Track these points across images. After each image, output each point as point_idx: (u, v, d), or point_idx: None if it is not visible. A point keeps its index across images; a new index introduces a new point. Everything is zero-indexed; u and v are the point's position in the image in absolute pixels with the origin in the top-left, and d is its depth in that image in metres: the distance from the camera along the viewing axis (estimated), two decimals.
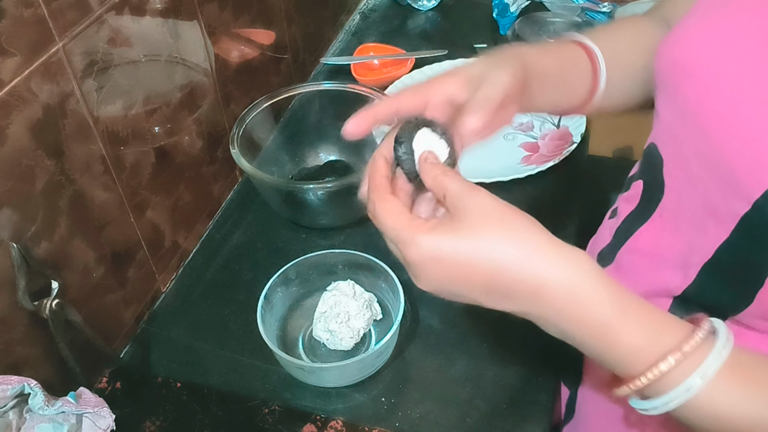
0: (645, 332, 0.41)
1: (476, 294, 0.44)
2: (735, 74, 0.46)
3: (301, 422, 0.69)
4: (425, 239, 0.43)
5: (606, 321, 0.41)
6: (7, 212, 0.57)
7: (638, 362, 0.41)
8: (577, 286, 0.41)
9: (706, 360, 0.40)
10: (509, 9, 1.24)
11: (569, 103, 0.61)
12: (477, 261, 0.42)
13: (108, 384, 0.73)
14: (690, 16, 0.52)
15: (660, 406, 0.42)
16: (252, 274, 0.84)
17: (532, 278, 0.42)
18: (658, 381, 0.41)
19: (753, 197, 0.43)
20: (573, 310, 0.42)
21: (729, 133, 0.45)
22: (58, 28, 0.58)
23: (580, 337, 0.43)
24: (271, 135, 0.93)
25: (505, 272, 0.42)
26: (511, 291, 0.42)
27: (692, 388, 0.40)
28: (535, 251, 0.42)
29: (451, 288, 0.44)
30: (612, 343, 0.42)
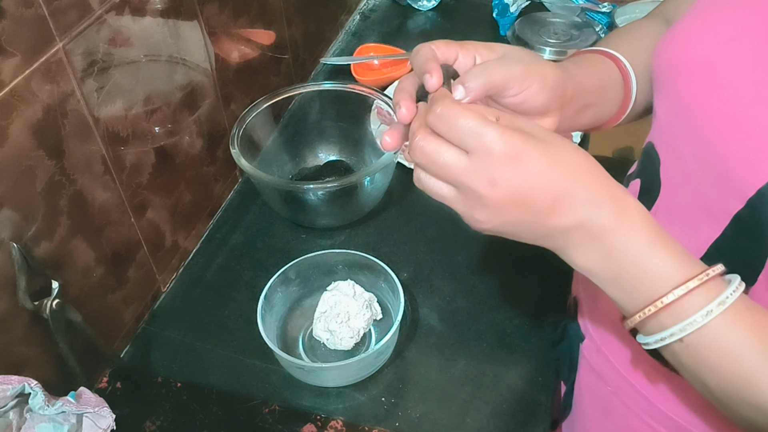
0: (677, 256, 0.43)
1: (544, 204, 0.42)
2: (731, 73, 0.46)
3: (301, 422, 0.69)
4: (516, 133, 0.42)
5: (649, 238, 0.43)
6: (8, 212, 0.57)
7: (668, 281, 0.42)
8: (629, 205, 0.43)
9: (726, 290, 0.41)
10: (509, 9, 1.24)
11: (606, 115, 0.61)
12: (562, 156, 0.43)
13: (108, 384, 0.73)
14: (688, 15, 0.52)
15: (677, 332, 0.42)
16: (252, 274, 0.84)
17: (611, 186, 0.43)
18: (681, 303, 0.42)
19: (747, 195, 0.43)
20: (624, 223, 0.43)
21: (724, 131, 0.45)
22: (58, 28, 0.58)
23: (620, 255, 0.43)
24: (271, 135, 0.93)
25: (581, 180, 0.43)
26: (577, 197, 0.42)
27: (712, 313, 0.41)
28: (602, 172, 0.44)
29: (524, 195, 0.42)
30: (648, 261, 0.43)
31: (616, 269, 0.44)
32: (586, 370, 0.67)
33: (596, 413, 0.66)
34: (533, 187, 0.42)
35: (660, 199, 0.54)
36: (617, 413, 0.62)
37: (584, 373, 0.67)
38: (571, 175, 0.43)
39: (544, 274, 0.80)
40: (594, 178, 0.43)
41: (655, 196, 0.54)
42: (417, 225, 0.89)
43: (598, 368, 0.63)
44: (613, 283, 0.44)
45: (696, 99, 0.48)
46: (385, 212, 0.91)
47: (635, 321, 0.44)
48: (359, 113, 0.93)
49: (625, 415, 0.60)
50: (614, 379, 0.61)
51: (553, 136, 0.44)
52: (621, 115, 0.61)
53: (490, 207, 0.43)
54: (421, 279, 0.82)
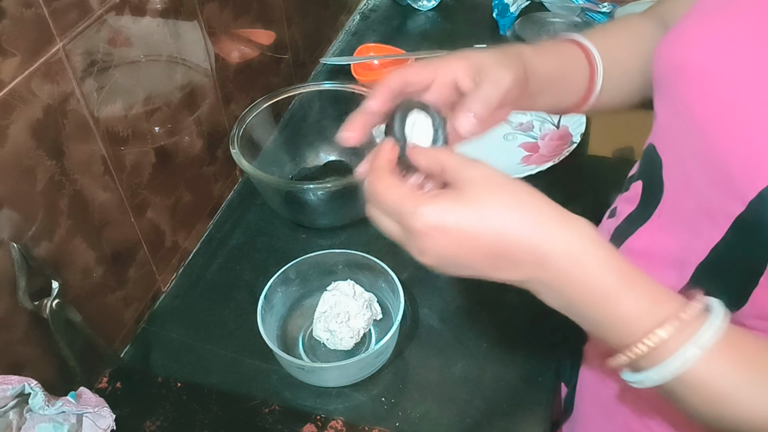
0: (644, 300, 0.42)
1: (480, 264, 0.44)
2: (731, 75, 0.46)
3: (301, 422, 0.69)
4: (429, 208, 0.43)
5: (607, 287, 0.42)
6: (8, 212, 0.57)
7: (637, 329, 0.41)
8: (581, 252, 0.42)
9: (702, 329, 0.41)
10: (509, 9, 1.24)
11: (566, 102, 0.62)
12: (483, 228, 0.42)
13: (108, 384, 0.73)
14: (688, 17, 0.52)
15: (654, 376, 0.42)
16: (252, 274, 0.84)
17: (537, 244, 0.42)
18: (655, 350, 0.41)
19: (748, 197, 0.43)
20: (577, 276, 0.42)
21: (724, 134, 0.45)
22: (58, 28, 0.58)
23: (581, 305, 0.43)
24: (271, 135, 0.93)
25: (512, 239, 0.42)
26: (516, 258, 0.42)
27: (688, 358, 0.40)
28: (540, 218, 0.43)
29: (456, 258, 0.44)
30: (612, 309, 0.42)
31: (581, 315, 0.44)
32: (587, 371, 0.66)
33: (597, 415, 0.66)
34: (462, 251, 0.43)
35: (663, 201, 0.54)
36: (618, 415, 0.61)
37: (586, 375, 0.67)
38: (503, 234, 0.42)
39: None
40: (535, 227, 0.42)
41: (658, 198, 0.54)
42: None
43: (600, 370, 0.63)
44: (585, 325, 0.45)
45: (696, 101, 0.48)
46: None
47: (612, 365, 0.44)
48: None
49: (627, 418, 0.60)
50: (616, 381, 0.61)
51: (490, 187, 0.43)
52: (584, 103, 0.61)
53: (432, 264, 0.45)
54: (421, 279, 0.82)
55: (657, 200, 0.54)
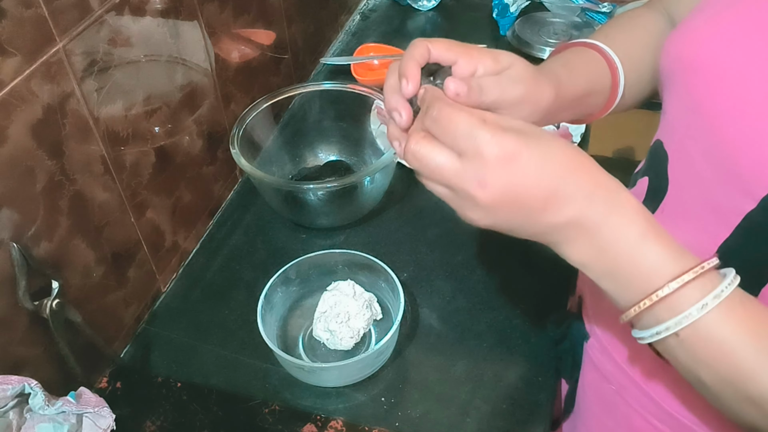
0: (671, 250, 0.43)
1: (536, 201, 0.43)
2: (741, 71, 0.46)
3: (301, 422, 0.69)
4: (507, 136, 0.42)
5: (643, 232, 0.43)
6: (8, 212, 0.57)
7: (662, 275, 0.42)
8: (622, 197, 0.44)
9: (722, 283, 0.42)
10: (509, 9, 1.24)
11: (587, 115, 0.63)
12: (553, 153, 0.43)
13: (108, 384, 0.73)
14: (697, 12, 0.52)
15: (672, 326, 0.42)
16: (252, 274, 0.84)
17: (603, 180, 0.44)
18: (675, 295, 0.42)
19: (759, 195, 0.43)
20: (618, 216, 0.43)
21: (735, 130, 0.45)
22: (58, 28, 0.58)
23: (614, 249, 0.43)
24: (271, 135, 0.93)
25: (579, 164, 0.43)
26: (571, 193, 0.43)
27: (707, 306, 0.41)
28: (590, 161, 0.44)
29: (517, 193, 0.43)
30: (642, 253, 0.43)
31: (610, 263, 0.44)
32: (589, 368, 0.66)
33: (599, 412, 0.66)
34: (524, 187, 0.42)
35: (667, 197, 0.54)
36: (620, 412, 0.62)
37: (588, 372, 0.67)
38: (563, 172, 0.43)
39: (544, 274, 0.80)
40: (586, 174, 0.44)
41: (662, 194, 0.54)
42: (417, 225, 0.89)
43: (603, 367, 0.63)
44: (607, 277, 0.45)
45: (706, 97, 0.48)
46: (385, 212, 0.91)
47: (630, 315, 0.44)
48: (359, 113, 0.93)
49: (629, 414, 0.60)
50: (618, 377, 0.61)
51: (544, 133, 0.44)
52: (605, 111, 0.62)
53: (481, 207, 0.44)
54: (421, 279, 0.82)
55: (661, 196, 0.54)
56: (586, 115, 0.63)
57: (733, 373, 0.42)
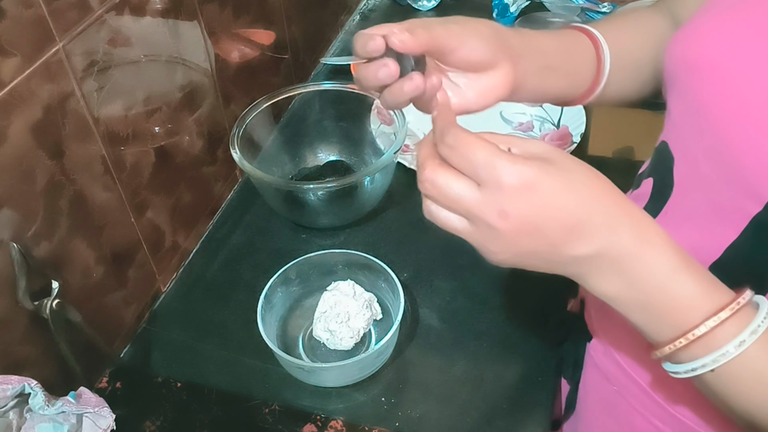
0: (704, 284, 0.42)
1: (558, 233, 0.41)
2: (746, 72, 0.46)
3: (301, 422, 0.69)
4: (528, 164, 0.41)
5: (673, 264, 0.42)
6: (8, 212, 0.57)
7: (697, 312, 0.41)
8: (649, 230, 0.42)
9: (757, 317, 0.41)
10: (509, 9, 1.24)
11: (573, 90, 0.60)
12: (571, 193, 0.41)
13: (108, 384, 0.73)
14: (701, 13, 0.52)
15: (709, 363, 0.41)
16: (252, 274, 0.84)
17: (616, 214, 0.42)
18: (713, 333, 0.41)
19: (765, 197, 0.43)
20: (645, 251, 0.42)
21: (739, 132, 0.45)
22: (58, 28, 0.58)
23: (642, 284, 0.42)
24: (271, 135, 0.93)
25: (595, 206, 0.42)
26: (594, 227, 0.41)
27: (745, 343, 0.40)
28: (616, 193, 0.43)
29: (537, 225, 0.41)
30: (674, 289, 0.42)
31: (641, 297, 0.42)
32: (591, 369, 0.66)
33: (600, 413, 0.66)
34: (547, 217, 0.41)
35: (672, 199, 0.54)
36: (622, 413, 0.61)
37: (589, 373, 0.67)
38: (587, 202, 0.41)
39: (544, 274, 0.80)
40: (611, 202, 0.42)
41: (667, 196, 0.54)
42: (417, 225, 0.89)
43: (605, 368, 0.63)
44: (638, 312, 0.43)
45: (709, 98, 0.48)
46: (385, 212, 0.91)
47: (665, 352, 0.43)
48: (359, 113, 0.93)
49: (630, 415, 0.60)
50: (620, 378, 0.61)
51: (568, 160, 0.43)
52: (592, 91, 0.60)
53: (503, 239, 0.42)
54: (421, 279, 0.82)
55: (666, 197, 0.54)
56: (573, 90, 0.60)
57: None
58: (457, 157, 0.42)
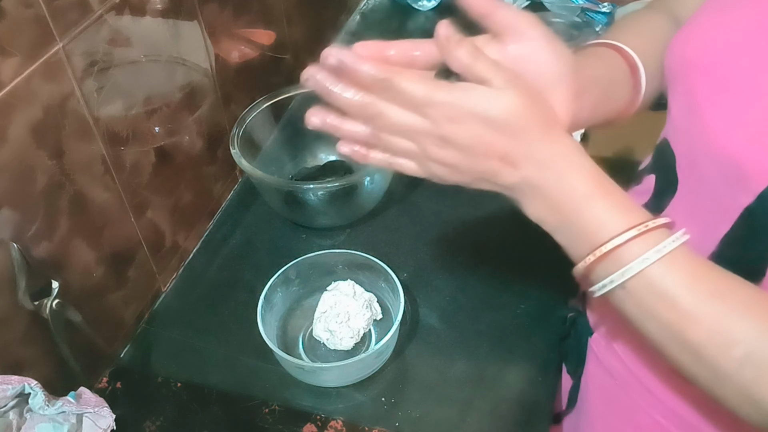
0: (619, 209, 0.46)
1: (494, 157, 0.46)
2: (743, 71, 0.46)
3: (301, 422, 0.69)
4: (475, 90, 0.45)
5: (590, 191, 0.46)
6: (8, 212, 0.57)
7: (607, 232, 0.45)
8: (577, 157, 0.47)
9: (666, 240, 0.44)
10: None
11: (613, 111, 0.60)
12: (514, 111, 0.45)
13: (108, 384, 0.73)
14: (701, 12, 0.52)
15: (616, 278, 0.45)
16: (252, 274, 0.84)
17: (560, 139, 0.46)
18: (619, 250, 0.44)
19: (758, 189, 0.43)
20: (571, 177, 0.46)
21: (736, 129, 0.45)
22: (58, 28, 0.58)
23: (564, 207, 0.46)
24: (271, 135, 0.93)
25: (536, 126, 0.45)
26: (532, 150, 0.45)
27: (648, 260, 0.43)
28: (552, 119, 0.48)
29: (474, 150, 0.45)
30: (588, 213, 0.46)
31: (560, 219, 0.47)
32: (593, 364, 0.66)
33: (602, 408, 0.66)
34: (483, 144, 0.45)
35: (677, 196, 0.54)
36: (624, 408, 0.62)
37: (591, 368, 0.67)
38: (519, 133, 0.45)
39: (544, 274, 0.80)
40: (542, 136, 0.45)
41: (671, 192, 0.54)
42: (417, 225, 0.89)
43: (607, 363, 0.63)
44: (561, 233, 0.47)
45: (709, 97, 0.48)
46: (385, 212, 0.91)
47: (579, 269, 0.47)
48: None
49: (632, 410, 0.60)
50: (622, 374, 0.61)
51: (510, 85, 0.45)
52: (632, 109, 0.60)
53: (442, 159, 0.47)
54: (421, 279, 0.82)
55: (670, 194, 0.54)
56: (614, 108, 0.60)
57: (675, 321, 0.44)
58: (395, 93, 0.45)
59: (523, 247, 0.81)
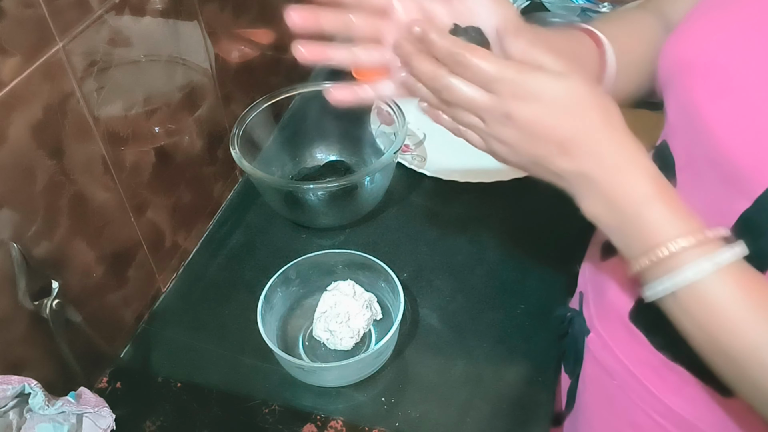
0: (678, 214, 0.45)
1: (554, 141, 0.45)
2: (739, 71, 0.46)
3: (301, 422, 0.69)
4: (540, 72, 0.45)
5: (650, 193, 0.45)
6: (8, 212, 0.57)
7: (664, 237, 0.44)
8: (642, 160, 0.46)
9: (721, 250, 0.43)
10: None
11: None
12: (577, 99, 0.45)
13: (108, 384, 0.73)
14: (694, 13, 0.52)
15: (669, 286, 0.44)
16: (252, 274, 0.84)
17: (622, 138, 0.46)
18: (674, 257, 0.43)
19: (755, 193, 0.43)
20: (629, 175, 0.45)
21: (733, 131, 0.45)
22: (58, 28, 0.58)
23: (621, 207, 0.45)
24: (271, 135, 0.93)
25: (599, 117, 0.46)
26: (593, 141, 0.45)
27: (702, 270, 0.42)
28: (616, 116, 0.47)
29: (537, 129, 0.46)
30: (646, 216, 0.45)
31: (617, 219, 0.46)
32: (591, 363, 0.67)
33: (600, 407, 0.66)
34: (545, 126, 0.45)
35: None
36: (621, 407, 0.62)
37: (589, 367, 0.67)
38: (581, 122, 0.45)
39: (544, 274, 0.80)
40: (604, 130, 0.45)
41: None
42: (417, 225, 0.89)
43: (604, 362, 0.64)
44: (615, 233, 0.47)
45: (704, 98, 0.48)
46: (385, 212, 0.91)
47: (634, 270, 0.46)
48: (359, 113, 0.93)
49: (630, 409, 0.60)
50: (620, 373, 0.61)
51: (572, 72, 0.46)
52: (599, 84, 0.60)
53: (506, 140, 0.47)
54: (421, 279, 0.82)
55: None
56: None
57: (721, 332, 0.43)
58: (467, 71, 0.46)
59: (523, 247, 0.81)
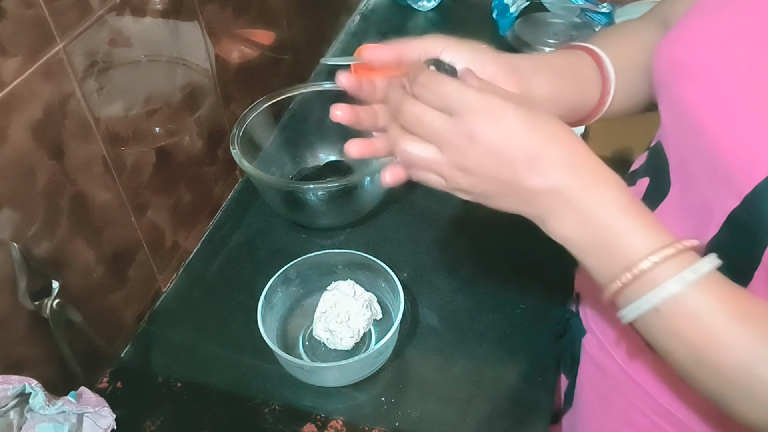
0: (651, 226, 0.44)
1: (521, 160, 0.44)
2: (729, 74, 0.47)
3: (301, 422, 0.69)
4: (493, 93, 0.45)
5: (624, 206, 0.44)
6: (8, 212, 0.57)
7: (642, 250, 0.43)
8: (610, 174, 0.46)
9: (698, 262, 0.43)
10: (509, 9, 1.24)
11: (583, 104, 0.61)
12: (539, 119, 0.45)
13: (108, 384, 0.73)
14: (688, 16, 0.53)
15: (652, 297, 0.43)
16: (252, 274, 0.84)
17: (586, 153, 0.45)
18: (650, 273, 0.43)
19: (743, 192, 0.43)
20: (602, 189, 0.45)
21: (723, 131, 0.46)
22: (58, 28, 0.58)
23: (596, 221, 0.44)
24: (271, 135, 0.93)
25: (564, 135, 0.45)
26: (556, 158, 0.44)
27: (685, 279, 0.42)
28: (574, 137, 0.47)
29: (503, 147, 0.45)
30: (622, 229, 0.44)
31: (592, 235, 0.45)
32: (587, 364, 0.67)
33: (597, 407, 0.66)
34: (510, 143, 0.44)
35: (668, 199, 0.54)
36: (618, 407, 0.62)
37: (586, 367, 0.67)
38: (547, 138, 0.45)
39: (544, 274, 0.80)
40: (569, 144, 0.45)
41: (662, 196, 0.55)
42: (417, 225, 0.89)
43: (600, 362, 0.64)
44: (589, 251, 0.45)
45: (696, 100, 0.48)
46: (385, 212, 0.91)
47: (613, 289, 0.44)
48: None
49: (626, 409, 0.61)
50: (615, 373, 0.61)
51: (532, 104, 0.46)
52: (602, 105, 0.61)
53: (469, 163, 0.46)
54: (421, 279, 0.82)
55: (662, 197, 0.55)
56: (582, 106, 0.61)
57: (705, 343, 0.43)
58: (429, 93, 0.46)
59: (523, 247, 0.81)
